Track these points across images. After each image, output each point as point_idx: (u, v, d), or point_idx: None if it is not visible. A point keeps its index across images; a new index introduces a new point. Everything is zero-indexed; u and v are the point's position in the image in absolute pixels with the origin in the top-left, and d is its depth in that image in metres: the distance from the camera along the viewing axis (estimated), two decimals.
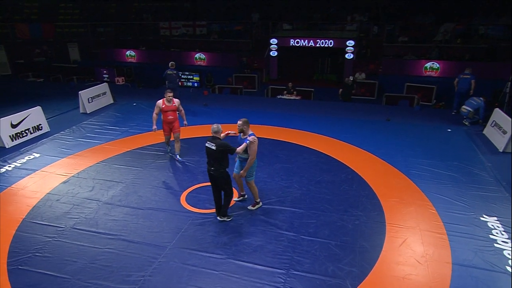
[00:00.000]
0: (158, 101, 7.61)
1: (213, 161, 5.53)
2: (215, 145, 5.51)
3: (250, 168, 5.81)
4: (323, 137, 9.27)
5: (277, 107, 11.98)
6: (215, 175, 5.58)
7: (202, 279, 4.71)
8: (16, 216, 6.07)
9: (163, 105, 7.56)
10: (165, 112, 7.58)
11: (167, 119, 7.63)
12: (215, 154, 5.48)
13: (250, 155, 5.64)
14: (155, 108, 7.64)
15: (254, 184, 6.03)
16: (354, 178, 7.17)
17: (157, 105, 7.61)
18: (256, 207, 6.16)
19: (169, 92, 7.57)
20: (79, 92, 11.14)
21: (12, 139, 8.93)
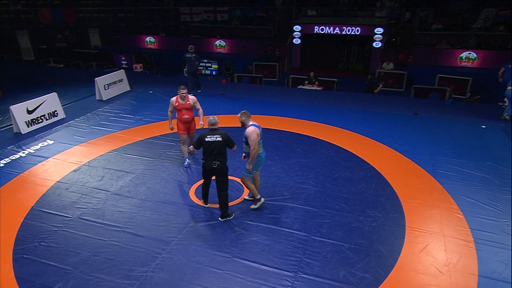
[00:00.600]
0: (172, 98, 6.99)
1: (217, 155, 5.29)
2: (221, 136, 5.30)
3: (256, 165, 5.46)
4: (344, 131, 8.81)
5: (297, 97, 11.55)
6: (219, 169, 5.33)
7: (205, 277, 4.48)
8: (25, 203, 6.03)
9: (176, 102, 6.89)
10: (180, 110, 6.90)
11: (183, 118, 6.94)
12: (221, 145, 5.30)
13: (251, 146, 5.25)
14: (169, 106, 7.01)
15: (249, 182, 5.63)
16: (374, 176, 6.73)
17: (170, 103, 6.98)
18: (258, 205, 5.75)
19: (182, 88, 6.82)
20: (95, 78, 11.08)
21: (28, 125, 8.95)
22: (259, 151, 5.41)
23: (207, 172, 5.45)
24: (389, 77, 14.24)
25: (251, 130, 5.21)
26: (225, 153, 5.37)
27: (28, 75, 14.64)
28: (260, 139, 5.34)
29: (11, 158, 7.53)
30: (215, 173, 5.36)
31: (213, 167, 5.30)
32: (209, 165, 5.31)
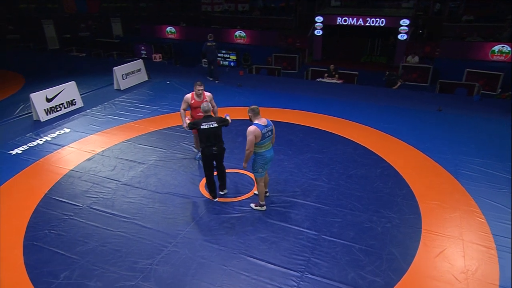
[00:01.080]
0: (186, 95, 6.54)
1: (215, 140, 5.46)
2: (215, 121, 5.45)
3: (256, 163, 5.23)
4: (363, 126, 8.50)
5: (315, 90, 11.26)
6: (218, 153, 5.54)
7: (209, 273, 4.40)
8: (39, 190, 6.10)
9: (192, 100, 6.46)
10: (195, 108, 6.44)
11: (198, 117, 6.34)
12: (217, 130, 5.45)
13: (246, 145, 5.04)
14: (183, 103, 6.55)
15: (262, 183, 5.40)
16: (390, 175, 6.45)
17: (185, 100, 6.51)
18: (257, 208, 5.56)
19: (199, 85, 6.38)
20: (114, 68, 11.14)
21: (46, 113, 9.09)
22: (263, 150, 5.13)
23: (208, 158, 5.54)
24: (413, 71, 13.69)
25: (250, 130, 4.96)
26: (221, 136, 5.56)
27: (51, 64, 14.93)
28: (264, 139, 5.05)
29: (29, 145, 7.67)
30: (215, 158, 5.55)
31: (214, 153, 5.47)
32: (210, 151, 5.46)
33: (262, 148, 5.14)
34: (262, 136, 5.01)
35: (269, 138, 5.17)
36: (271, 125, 5.15)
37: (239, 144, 7.47)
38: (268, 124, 5.11)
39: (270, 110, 9.42)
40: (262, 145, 5.10)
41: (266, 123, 5.07)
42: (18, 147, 7.58)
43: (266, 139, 5.10)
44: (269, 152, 5.22)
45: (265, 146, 5.14)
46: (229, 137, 7.62)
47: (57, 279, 4.34)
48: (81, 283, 4.29)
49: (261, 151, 5.15)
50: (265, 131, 5.04)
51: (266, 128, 5.06)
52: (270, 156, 5.25)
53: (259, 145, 5.08)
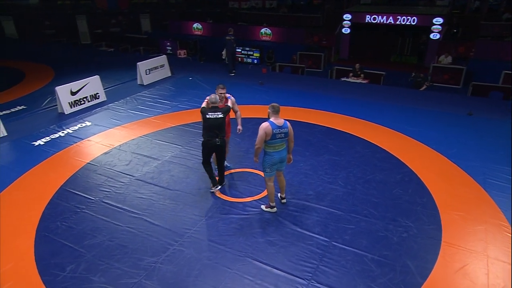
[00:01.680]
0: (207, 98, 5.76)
1: (219, 131, 5.45)
2: (221, 112, 5.45)
3: (264, 162, 5.10)
4: (386, 129, 8.13)
5: (339, 90, 10.93)
6: (220, 145, 5.52)
7: (213, 275, 4.29)
8: (55, 182, 6.21)
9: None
10: None
11: None
12: (222, 121, 5.47)
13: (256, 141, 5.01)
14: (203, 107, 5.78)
15: (270, 183, 5.24)
16: (411, 181, 6.11)
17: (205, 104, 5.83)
18: (267, 210, 5.41)
19: (221, 88, 5.92)
20: (138, 63, 11.27)
21: (71, 106, 9.31)
22: (272, 150, 4.99)
23: (210, 149, 5.56)
24: (444, 72, 13.04)
25: (262, 126, 4.87)
26: (224, 127, 5.55)
27: (80, 58, 15.34)
28: (275, 139, 4.90)
29: (51, 137, 7.86)
30: (217, 149, 5.56)
31: (217, 144, 5.47)
32: (213, 143, 5.46)
33: (271, 148, 4.99)
34: (273, 135, 4.86)
35: (282, 140, 4.98)
36: (287, 127, 4.96)
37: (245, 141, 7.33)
38: (284, 126, 4.92)
39: (290, 109, 9.22)
40: (272, 145, 4.96)
41: (281, 124, 4.90)
42: (41, 139, 7.78)
43: (278, 140, 4.93)
44: (278, 154, 5.04)
45: (275, 146, 4.98)
46: (246, 135, 7.52)
47: (63, 272, 4.37)
48: (85, 277, 4.29)
49: (270, 151, 5.01)
50: (277, 132, 4.87)
51: (280, 129, 4.88)
52: (279, 158, 5.07)
53: (269, 144, 4.95)
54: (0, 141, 7.78)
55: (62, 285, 4.18)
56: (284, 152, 5.13)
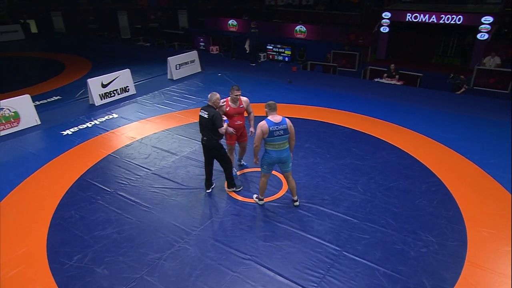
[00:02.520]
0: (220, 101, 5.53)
1: (205, 130, 5.32)
2: (207, 113, 5.24)
3: (263, 159, 5.08)
4: (416, 134, 7.65)
5: (370, 91, 10.45)
6: (207, 146, 5.41)
7: (214, 276, 4.18)
8: (76, 171, 6.38)
9: (227, 107, 5.58)
10: (232, 116, 5.63)
11: (235, 125, 5.67)
12: (206, 123, 5.26)
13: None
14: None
15: (263, 179, 5.23)
16: (438, 192, 5.67)
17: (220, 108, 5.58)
18: (256, 200, 5.46)
19: (236, 89, 5.56)
20: (168, 58, 11.42)
21: (101, 98, 9.58)
22: (271, 148, 4.92)
23: (203, 148, 5.54)
24: (490, 75, 12.11)
25: (259, 125, 4.85)
26: (213, 130, 5.26)
27: (118, 52, 15.85)
28: (273, 137, 4.81)
29: (79, 127, 8.12)
30: (208, 150, 5.46)
31: (203, 143, 5.44)
32: (201, 140, 5.46)
33: (270, 146, 4.91)
34: (270, 133, 4.78)
35: (280, 138, 4.86)
36: (285, 124, 4.83)
37: None
38: (281, 123, 4.80)
39: (316, 109, 8.94)
40: (270, 143, 4.89)
41: (278, 121, 4.81)
42: (70, 128, 8.06)
43: (276, 138, 4.82)
44: (277, 153, 4.92)
45: (273, 145, 4.88)
46: None
47: (70, 261, 4.44)
48: (90, 268, 4.33)
49: (269, 149, 4.94)
50: (275, 129, 4.76)
51: (277, 126, 4.77)
52: (277, 158, 4.95)
53: (267, 142, 4.89)
54: (33, 129, 8.16)
55: (67, 274, 4.25)
56: (285, 152, 4.98)
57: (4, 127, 7.92)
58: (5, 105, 7.92)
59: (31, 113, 8.33)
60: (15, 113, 8.07)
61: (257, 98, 9.71)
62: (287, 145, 5.00)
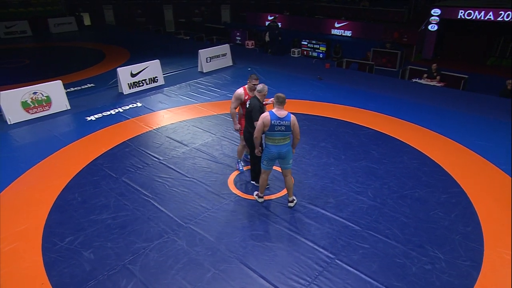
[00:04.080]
0: (237, 91, 5.51)
1: (246, 121, 5.26)
2: (249, 104, 5.13)
3: (263, 154, 4.89)
4: (448, 140, 6.97)
5: (406, 92, 9.74)
6: (245, 136, 5.37)
7: (194, 272, 4.03)
8: (90, 156, 6.53)
9: (245, 96, 5.46)
10: None
11: None
12: (248, 113, 5.16)
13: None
14: (234, 101, 5.52)
15: (264, 175, 5.02)
16: (459, 204, 5.08)
17: (237, 97, 5.49)
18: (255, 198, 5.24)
19: (255, 78, 5.45)
20: (199, 50, 11.46)
21: (129, 87, 9.82)
22: (270, 142, 4.71)
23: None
24: None
25: (261, 115, 4.66)
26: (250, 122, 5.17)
27: (157, 44, 16.26)
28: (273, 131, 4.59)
29: (103, 114, 8.36)
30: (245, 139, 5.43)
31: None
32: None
33: (270, 140, 4.69)
34: (271, 126, 4.54)
35: (282, 134, 4.62)
36: (289, 120, 4.55)
37: None
38: (285, 118, 4.54)
39: (342, 107, 8.49)
40: (270, 137, 4.67)
41: (282, 116, 4.55)
42: (94, 115, 8.33)
43: (277, 133, 4.58)
44: (276, 148, 4.69)
45: (273, 139, 4.66)
46: None
47: (62, 242, 4.51)
48: (78, 251, 4.37)
49: (269, 143, 4.72)
50: (276, 123, 4.53)
51: (279, 121, 4.52)
52: (276, 153, 4.71)
53: (267, 135, 4.68)
54: (62, 114, 8.54)
55: (55, 254, 4.32)
56: (285, 148, 4.71)
57: (37, 110, 8.36)
58: (38, 90, 8.36)
59: (62, 98, 8.73)
60: (47, 97, 8.49)
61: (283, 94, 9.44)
62: (288, 140, 4.74)
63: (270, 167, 4.94)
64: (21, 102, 8.13)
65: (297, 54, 13.50)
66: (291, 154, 4.83)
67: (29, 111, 8.26)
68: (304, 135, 7.15)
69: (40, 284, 3.93)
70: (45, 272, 4.09)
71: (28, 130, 7.76)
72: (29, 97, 8.23)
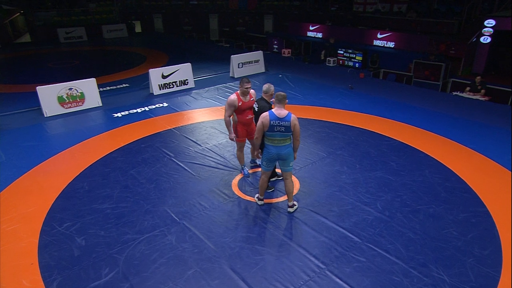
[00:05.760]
0: (230, 97, 5.28)
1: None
2: (258, 107, 5.12)
3: (263, 155, 4.70)
4: (483, 157, 6.32)
5: (444, 105, 9.04)
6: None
7: (176, 268, 3.93)
8: (106, 149, 6.75)
9: (239, 102, 5.25)
10: (243, 111, 5.34)
11: (245, 120, 5.42)
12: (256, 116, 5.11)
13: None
14: (228, 108, 5.27)
15: (263, 176, 4.84)
16: (479, 224, 4.52)
17: (230, 103, 5.24)
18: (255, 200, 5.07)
19: (246, 82, 5.24)
20: (231, 56, 11.56)
21: (160, 88, 10.11)
22: (269, 143, 4.55)
23: None
24: None
25: (261, 115, 4.47)
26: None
27: (196, 50, 16.74)
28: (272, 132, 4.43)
29: (129, 112, 8.66)
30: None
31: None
32: None
33: (269, 140, 4.53)
34: (270, 126, 4.38)
35: (281, 134, 4.42)
36: (289, 121, 4.34)
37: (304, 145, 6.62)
38: (284, 119, 4.34)
39: (368, 117, 8.09)
40: (269, 138, 4.51)
41: (282, 116, 4.35)
42: (121, 112, 8.65)
43: (276, 133, 4.39)
44: (276, 149, 4.51)
45: (272, 140, 4.48)
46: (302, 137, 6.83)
47: (60, 227, 4.63)
48: (72, 237, 4.46)
49: (268, 143, 4.56)
50: (275, 123, 4.35)
51: (279, 121, 4.33)
52: (276, 154, 4.53)
53: (266, 136, 4.53)
54: (93, 110, 8.96)
55: (50, 237, 4.44)
56: (285, 149, 4.49)
57: (71, 105, 8.85)
58: (74, 86, 8.86)
59: (95, 95, 9.18)
60: (81, 93, 8.97)
61: (309, 101, 9.27)
62: (288, 141, 4.53)
63: (270, 168, 4.76)
64: (57, 97, 8.66)
65: (333, 63, 13.17)
66: (292, 156, 4.61)
67: (64, 105, 8.77)
68: (322, 142, 6.88)
69: (30, 263, 4.04)
70: (37, 253, 4.20)
71: (60, 122, 8.22)
72: (65, 92, 8.75)
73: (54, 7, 21.44)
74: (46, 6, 21.37)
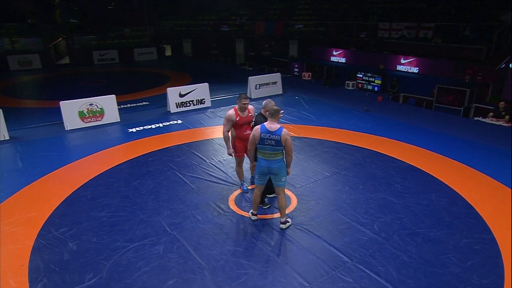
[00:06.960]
0: (228, 112, 5.34)
1: None
2: (254, 121, 5.20)
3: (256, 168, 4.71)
4: (496, 183, 5.95)
5: (463, 130, 8.68)
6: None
7: (158, 277, 3.92)
8: (115, 161, 6.95)
9: (237, 117, 5.31)
10: (241, 126, 5.39)
11: (243, 135, 5.42)
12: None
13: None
14: (226, 123, 5.33)
15: (256, 191, 4.81)
16: (482, 252, 4.22)
17: (228, 118, 5.29)
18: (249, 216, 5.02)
19: (244, 98, 5.35)
20: (249, 77, 11.78)
21: (177, 106, 10.41)
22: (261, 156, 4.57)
23: None
24: None
25: (254, 128, 4.57)
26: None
27: (218, 72, 17.28)
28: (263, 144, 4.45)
29: (144, 127, 8.94)
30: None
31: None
32: None
33: (261, 153, 4.54)
34: (261, 139, 4.41)
35: (272, 148, 4.42)
36: (279, 135, 4.34)
37: (303, 160, 6.54)
38: (275, 133, 4.35)
39: (380, 139, 7.91)
40: (261, 151, 4.53)
41: (273, 130, 4.38)
42: (137, 127, 8.94)
43: (266, 147, 4.40)
44: (266, 162, 4.51)
45: (264, 153, 4.51)
46: (307, 156, 6.77)
47: (56, 231, 4.77)
48: (65, 241, 4.56)
49: (259, 156, 4.57)
50: (265, 136, 4.37)
51: (269, 134, 4.35)
52: (266, 167, 4.52)
53: (258, 148, 4.56)
54: (111, 125, 9.33)
55: (45, 241, 4.57)
56: (276, 163, 4.48)
57: (90, 120, 9.27)
58: (94, 102, 9.31)
59: (114, 111, 9.57)
60: (101, 109, 9.39)
61: (322, 122, 9.23)
62: (280, 156, 4.50)
63: (262, 182, 4.71)
64: (78, 112, 9.11)
65: (352, 86, 13.08)
66: (284, 171, 4.56)
67: (84, 120, 9.19)
68: (328, 162, 6.77)
69: (20, 265, 4.16)
70: (29, 255, 4.33)
71: (78, 135, 8.60)
72: (86, 107, 9.19)
73: (92, 32, 22.90)
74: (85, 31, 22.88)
